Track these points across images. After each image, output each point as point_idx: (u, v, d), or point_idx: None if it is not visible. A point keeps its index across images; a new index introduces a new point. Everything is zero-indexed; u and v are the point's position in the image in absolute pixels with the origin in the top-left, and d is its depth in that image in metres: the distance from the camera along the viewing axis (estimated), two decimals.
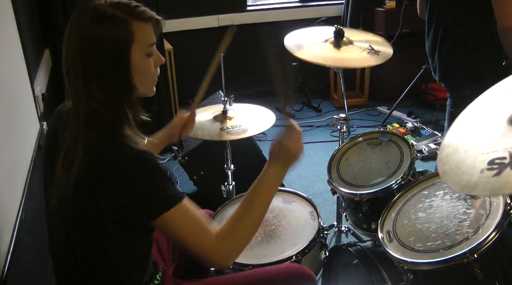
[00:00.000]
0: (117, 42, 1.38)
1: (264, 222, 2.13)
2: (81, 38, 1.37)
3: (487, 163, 1.25)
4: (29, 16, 3.04)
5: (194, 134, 2.30)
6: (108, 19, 1.37)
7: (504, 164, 1.20)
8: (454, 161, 1.38)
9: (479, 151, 1.33)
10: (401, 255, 1.65)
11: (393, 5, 5.08)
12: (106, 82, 1.39)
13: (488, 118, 1.47)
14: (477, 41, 2.67)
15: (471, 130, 1.48)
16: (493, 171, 1.20)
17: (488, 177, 1.21)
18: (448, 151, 1.45)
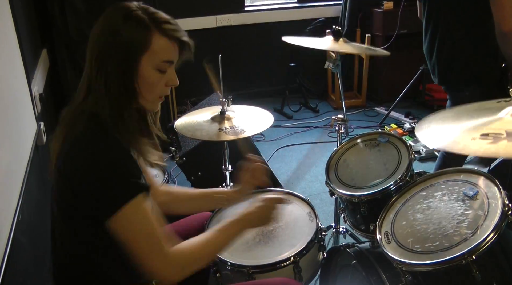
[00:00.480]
0: (132, 44, 1.41)
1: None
2: (103, 32, 1.42)
3: (480, 134, 1.36)
4: (26, 16, 3.04)
5: (192, 135, 2.29)
6: (133, 21, 1.41)
7: (501, 137, 1.31)
8: (439, 130, 1.52)
9: (470, 126, 1.45)
10: (399, 256, 1.64)
11: (391, 6, 5.09)
12: (112, 78, 1.42)
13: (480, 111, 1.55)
14: (476, 42, 2.67)
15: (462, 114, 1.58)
16: (487, 140, 1.33)
17: (481, 143, 1.32)
18: (434, 120, 1.59)
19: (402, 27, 4.93)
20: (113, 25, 1.41)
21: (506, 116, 1.42)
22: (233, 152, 2.55)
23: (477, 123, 1.45)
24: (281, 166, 4.26)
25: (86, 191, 1.35)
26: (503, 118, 1.42)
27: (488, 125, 1.42)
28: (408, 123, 4.73)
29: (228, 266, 1.92)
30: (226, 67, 2.54)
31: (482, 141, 1.33)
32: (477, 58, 2.70)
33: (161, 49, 1.45)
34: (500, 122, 1.41)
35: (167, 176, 3.28)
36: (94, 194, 1.35)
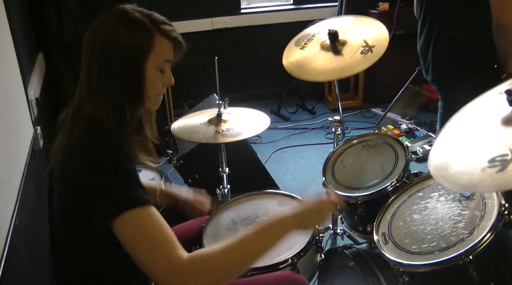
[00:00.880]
0: (137, 47, 1.42)
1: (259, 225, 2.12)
2: (104, 37, 1.41)
3: (487, 161, 1.24)
4: (22, 20, 3.03)
5: (189, 138, 2.30)
6: (134, 24, 1.42)
7: (507, 160, 1.20)
8: (449, 164, 1.37)
9: (476, 152, 1.33)
10: (397, 257, 1.65)
11: (387, 7, 5.10)
12: (118, 83, 1.42)
13: (479, 122, 1.48)
14: (471, 41, 2.68)
15: (463, 134, 1.49)
16: (496, 168, 1.20)
17: (491, 173, 1.20)
18: (441, 155, 1.45)
19: (398, 28, 4.93)
20: (114, 30, 1.41)
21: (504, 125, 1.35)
22: (230, 154, 2.55)
23: (482, 143, 1.37)
24: (278, 168, 4.26)
25: (92, 192, 1.32)
26: (503, 129, 1.35)
27: (492, 143, 1.33)
28: (404, 124, 4.73)
29: None
30: (223, 70, 2.54)
31: (491, 170, 1.21)
32: (472, 56, 2.70)
33: (162, 50, 1.47)
34: (501, 136, 1.33)
35: (164, 179, 3.28)
36: (100, 193, 1.31)
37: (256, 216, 2.18)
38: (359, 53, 2.22)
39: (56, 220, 1.49)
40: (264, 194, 2.33)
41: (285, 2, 5.83)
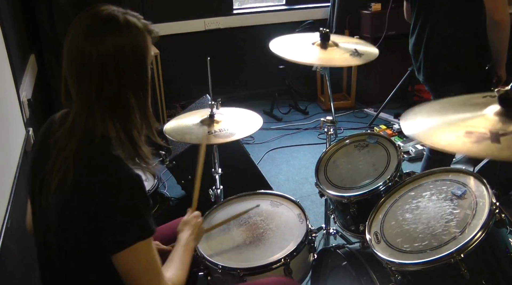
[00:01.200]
0: (142, 48, 1.40)
1: (253, 226, 2.13)
2: (108, 47, 1.35)
3: (464, 132, 1.38)
4: (14, 21, 3.03)
5: (181, 139, 2.29)
6: (131, 28, 1.38)
7: (484, 137, 1.33)
8: (428, 123, 1.54)
9: (455, 121, 1.48)
10: (389, 256, 1.65)
11: (379, 7, 5.11)
12: (136, 89, 1.41)
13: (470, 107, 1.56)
14: (463, 41, 2.70)
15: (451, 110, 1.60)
16: (471, 139, 1.34)
17: (465, 141, 1.34)
18: (417, 115, 1.61)
19: (390, 29, 4.96)
20: (115, 38, 1.35)
21: (490, 114, 1.44)
22: (223, 155, 2.55)
23: (462, 119, 1.48)
24: (271, 168, 4.26)
25: (112, 216, 1.32)
26: (488, 116, 1.44)
27: (473, 122, 1.44)
28: (397, 124, 4.74)
29: (219, 269, 1.92)
30: (215, 70, 2.54)
31: (466, 139, 1.35)
32: (464, 56, 2.72)
33: (150, 49, 1.46)
34: (484, 121, 1.42)
35: (157, 180, 3.28)
36: (120, 219, 1.33)
37: (249, 216, 2.19)
38: (348, 55, 2.26)
39: (51, 229, 1.45)
40: (256, 195, 2.33)
41: (278, 2, 5.84)
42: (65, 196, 1.34)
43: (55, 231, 1.41)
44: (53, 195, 1.37)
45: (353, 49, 2.30)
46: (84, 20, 1.38)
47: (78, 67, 1.36)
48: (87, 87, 1.37)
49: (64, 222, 1.37)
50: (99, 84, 1.36)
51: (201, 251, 2.00)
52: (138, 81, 1.41)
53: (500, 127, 1.36)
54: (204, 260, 1.97)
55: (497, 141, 1.31)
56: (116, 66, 1.36)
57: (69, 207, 1.35)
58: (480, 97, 1.62)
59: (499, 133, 1.33)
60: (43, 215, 1.44)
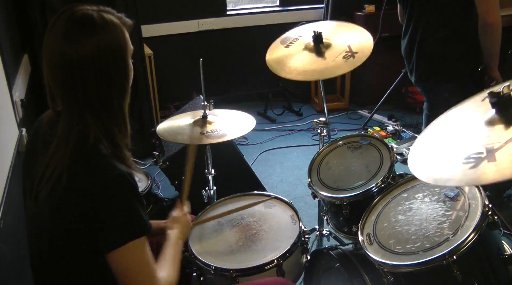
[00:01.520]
0: (120, 45, 1.40)
1: (246, 227, 2.13)
2: (86, 47, 1.34)
3: (463, 158, 1.33)
4: (7, 21, 3.01)
5: (174, 139, 2.29)
6: (108, 26, 1.37)
7: (481, 158, 1.29)
8: (426, 158, 1.51)
9: (455, 149, 1.43)
10: (381, 258, 1.65)
11: (373, 9, 5.12)
12: (118, 87, 1.41)
13: (463, 122, 1.54)
14: (456, 42, 2.70)
15: (446, 132, 1.57)
16: (469, 164, 1.29)
17: (464, 169, 1.29)
18: (421, 149, 1.58)
19: (384, 31, 4.96)
20: (93, 38, 1.34)
21: (485, 124, 1.42)
22: (216, 156, 2.55)
23: (460, 141, 1.47)
24: (264, 170, 4.26)
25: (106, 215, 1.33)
26: (483, 128, 1.42)
27: (469, 141, 1.43)
28: (391, 126, 4.75)
29: (211, 270, 1.92)
30: (209, 71, 2.54)
31: (465, 166, 1.31)
32: (457, 57, 2.72)
33: (129, 42, 1.45)
34: (480, 135, 1.41)
35: (150, 180, 3.28)
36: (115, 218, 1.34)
37: (242, 217, 2.18)
38: (341, 57, 2.25)
39: (45, 231, 1.45)
40: (250, 196, 2.33)
41: (271, 3, 5.85)
42: (58, 198, 1.34)
43: (48, 233, 1.41)
44: (46, 197, 1.36)
45: (346, 48, 2.29)
46: (60, 23, 1.37)
47: (60, 71, 1.36)
48: (70, 90, 1.37)
49: (58, 223, 1.37)
50: (82, 86, 1.36)
51: (194, 251, 2.00)
52: (119, 79, 1.42)
53: (495, 140, 1.34)
54: (197, 261, 1.96)
55: (493, 159, 1.27)
56: (97, 66, 1.36)
57: (62, 208, 1.35)
58: (479, 101, 1.61)
59: (494, 149, 1.30)
60: (36, 217, 1.44)
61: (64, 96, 1.39)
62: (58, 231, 1.38)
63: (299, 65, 2.34)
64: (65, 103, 1.39)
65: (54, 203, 1.35)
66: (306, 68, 2.30)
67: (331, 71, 2.26)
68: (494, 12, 2.47)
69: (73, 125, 1.38)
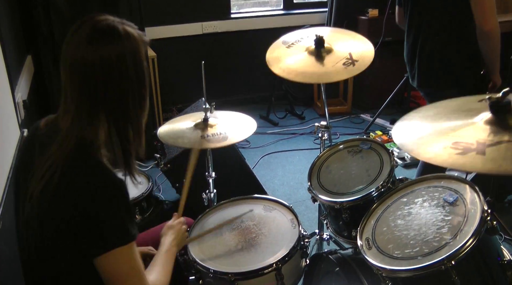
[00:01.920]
0: (141, 55, 1.44)
1: (245, 230, 2.13)
2: (110, 55, 1.38)
3: (451, 142, 1.41)
4: (10, 22, 3.03)
5: (174, 142, 2.29)
6: (130, 37, 1.42)
7: (470, 148, 1.35)
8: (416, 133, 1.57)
9: (445, 131, 1.50)
10: (380, 263, 1.65)
11: (376, 13, 5.12)
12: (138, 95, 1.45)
13: (461, 115, 1.58)
14: (457, 46, 2.71)
15: (442, 115, 1.63)
16: (457, 150, 1.37)
17: (451, 153, 1.36)
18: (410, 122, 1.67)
19: (387, 35, 4.96)
20: (116, 47, 1.38)
21: (480, 122, 1.45)
22: (217, 159, 2.55)
23: (452, 128, 1.50)
24: (266, 173, 4.26)
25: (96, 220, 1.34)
26: (478, 125, 1.46)
27: (462, 131, 1.46)
28: None
29: (210, 273, 1.92)
30: (212, 74, 2.54)
31: (452, 151, 1.37)
32: (457, 62, 2.73)
33: (145, 56, 1.48)
34: (474, 130, 1.45)
35: (151, 183, 3.28)
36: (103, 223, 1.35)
37: (242, 220, 2.18)
38: (341, 64, 2.27)
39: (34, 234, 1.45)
40: (250, 199, 2.33)
41: (275, 7, 5.85)
42: (48, 200, 1.35)
43: (38, 236, 1.42)
44: (37, 199, 1.37)
45: (347, 55, 2.30)
46: (83, 31, 1.39)
47: (80, 75, 1.38)
48: (88, 95, 1.40)
49: (47, 226, 1.38)
50: (103, 91, 1.39)
51: (193, 254, 1.99)
52: (139, 88, 1.45)
53: (488, 137, 1.38)
54: (196, 264, 1.96)
55: (483, 153, 1.32)
56: (118, 72, 1.38)
57: (51, 211, 1.36)
58: (475, 101, 1.64)
59: (486, 144, 1.34)
60: (28, 217, 1.44)
61: (80, 101, 1.41)
62: (48, 231, 1.39)
63: (299, 66, 2.35)
64: (78, 108, 1.41)
65: (45, 203, 1.36)
66: (305, 70, 2.32)
67: (329, 77, 2.28)
68: (490, 20, 2.47)
69: (76, 128, 1.40)
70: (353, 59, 2.27)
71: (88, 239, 1.35)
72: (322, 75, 2.29)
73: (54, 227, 1.37)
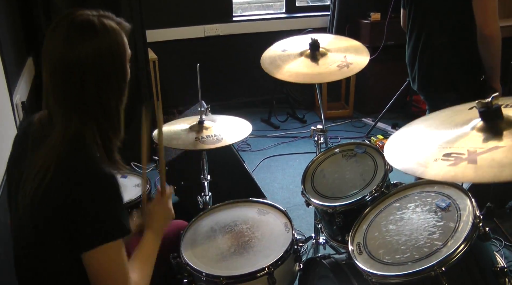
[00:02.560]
0: (121, 50, 1.43)
1: (238, 233, 2.12)
2: (86, 52, 1.37)
3: (442, 154, 1.39)
4: (11, 24, 3.03)
5: (168, 144, 2.29)
6: (107, 31, 1.40)
7: (461, 158, 1.33)
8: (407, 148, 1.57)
9: (436, 144, 1.48)
10: (370, 268, 1.64)
11: (378, 17, 5.12)
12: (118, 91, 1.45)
13: (451, 123, 1.58)
14: (457, 50, 2.70)
15: (430, 128, 1.65)
16: (448, 162, 1.34)
17: (442, 165, 1.34)
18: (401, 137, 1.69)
19: (389, 39, 4.96)
20: (93, 43, 1.37)
21: (471, 131, 1.44)
22: (216, 162, 2.55)
23: (443, 139, 1.49)
24: (266, 176, 4.25)
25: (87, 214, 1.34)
26: (469, 133, 1.45)
27: (452, 142, 1.45)
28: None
29: (202, 276, 1.91)
30: (214, 77, 2.55)
31: (443, 163, 1.35)
32: (458, 66, 2.71)
33: (127, 44, 1.47)
34: (465, 139, 1.44)
35: (149, 186, 3.28)
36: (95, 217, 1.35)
37: (235, 224, 2.18)
38: (336, 66, 2.28)
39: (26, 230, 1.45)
40: (244, 202, 2.32)
41: (278, 10, 5.85)
42: (42, 192, 1.35)
43: (31, 232, 1.42)
44: (30, 196, 1.37)
45: (342, 58, 2.31)
46: (61, 27, 1.40)
47: (59, 74, 1.39)
48: (68, 92, 1.40)
49: (39, 221, 1.38)
50: (81, 88, 1.39)
51: (185, 258, 1.99)
52: (117, 82, 1.45)
53: (479, 145, 1.37)
54: (188, 267, 1.96)
55: (474, 162, 1.30)
56: (96, 69, 1.38)
57: (44, 203, 1.36)
58: (466, 110, 1.63)
59: (477, 152, 1.33)
60: (19, 215, 1.45)
61: (62, 98, 1.41)
62: (40, 227, 1.39)
63: (292, 67, 2.42)
64: (61, 105, 1.42)
65: (37, 197, 1.36)
66: (299, 71, 2.38)
67: (322, 77, 2.34)
68: (491, 25, 2.46)
69: (68, 126, 1.40)
70: (348, 62, 2.28)
71: (82, 233, 1.34)
72: (315, 76, 2.32)
73: (46, 222, 1.37)
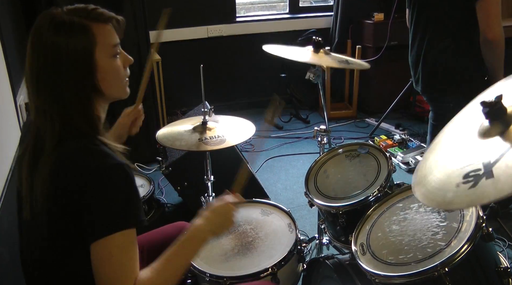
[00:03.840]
0: (78, 49, 1.37)
1: (242, 234, 2.13)
2: (41, 49, 1.36)
3: (462, 177, 1.24)
4: (14, 24, 3.04)
5: (171, 145, 2.29)
6: (65, 27, 1.36)
7: (479, 175, 1.19)
8: (429, 181, 1.37)
9: (453, 167, 1.33)
10: (373, 268, 1.64)
11: (381, 17, 5.10)
12: (70, 91, 1.38)
13: (460, 135, 1.48)
14: (461, 53, 2.69)
15: (445, 149, 1.48)
16: (469, 184, 1.20)
17: (464, 190, 1.20)
18: (424, 172, 1.45)
19: (392, 39, 4.95)
20: (49, 43, 1.35)
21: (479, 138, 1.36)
22: (219, 163, 2.55)
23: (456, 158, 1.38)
24: (269, 177, 4.25)
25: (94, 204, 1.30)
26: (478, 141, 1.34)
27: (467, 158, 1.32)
28: (398, 135, 4.72)
29: (206, 277, 1.92)
30: (217, 78, 2.55)
31: (464, 186, 1.21)
32: (461, 69, 2.71)
33: (106, 36, 1.42)
34: (476, 150, 1.32)
35: (152, 186, 3.29)
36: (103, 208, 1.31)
37: (239, 224, 2.18)
38: (336, 60, 2.34)
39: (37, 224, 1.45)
40: (247, 203, 2.33)
41: (282, 11, 5.85)
42: (52, 185, 1.33)
43: (40, 225, 1.40)
44: (38, 191, 1.36)
45: (343, 58, 2.33)
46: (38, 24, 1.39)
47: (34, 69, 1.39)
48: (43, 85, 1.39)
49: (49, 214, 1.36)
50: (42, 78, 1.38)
51: None
52: (72, 79, 1.39)
53: (490, 153, 1.24)
54: (192, 267, 1.97)
55: (491, 175, 1.17)
56: (63, 65, 1.36)
57: (55, 195, 1.34)
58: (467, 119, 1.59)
59: (491, 163, 1.20)
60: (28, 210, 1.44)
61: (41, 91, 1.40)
62: (49, 221, 1.37)
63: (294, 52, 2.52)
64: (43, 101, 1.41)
65: (45, 194, 1.34)
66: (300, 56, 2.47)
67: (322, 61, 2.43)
68: (495, 29, 2.45)
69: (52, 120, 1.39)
70: (349, 62, 2.31)
71: (93, 220, 1.30)
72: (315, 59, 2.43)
73: (58, 213, 1.34)
